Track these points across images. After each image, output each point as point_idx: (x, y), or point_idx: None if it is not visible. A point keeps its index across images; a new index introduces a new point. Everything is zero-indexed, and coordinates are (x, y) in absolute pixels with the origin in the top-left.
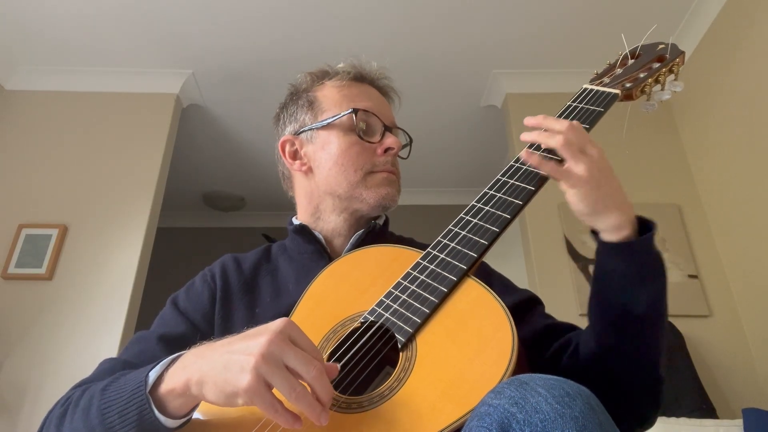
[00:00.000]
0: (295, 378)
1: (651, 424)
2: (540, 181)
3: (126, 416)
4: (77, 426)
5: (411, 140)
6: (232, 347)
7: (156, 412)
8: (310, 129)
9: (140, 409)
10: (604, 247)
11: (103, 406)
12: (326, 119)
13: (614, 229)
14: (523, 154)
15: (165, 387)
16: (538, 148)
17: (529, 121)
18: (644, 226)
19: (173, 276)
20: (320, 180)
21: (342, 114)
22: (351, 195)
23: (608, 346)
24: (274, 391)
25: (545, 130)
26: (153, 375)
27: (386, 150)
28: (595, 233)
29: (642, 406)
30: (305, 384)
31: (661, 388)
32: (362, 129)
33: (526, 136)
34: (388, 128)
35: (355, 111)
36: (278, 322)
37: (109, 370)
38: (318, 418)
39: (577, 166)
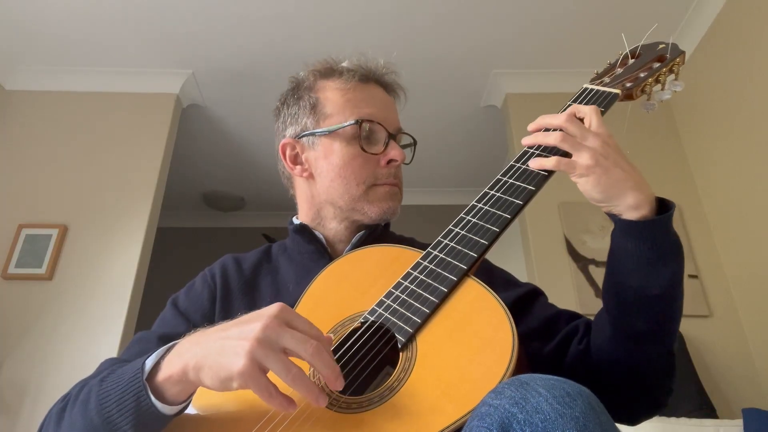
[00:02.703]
0: (290, 361)
1: (664, 405)
2: (540, 180)
3: (124, 404)
4: (76, 419)
5: (415, 142)
6: (227, 332)
7: (153, 398)
8: (311, 134)
9: (138, 396)
10: (622, 226)
11: (101, 396)
12: (329, 128)
13: (632, 209)
14: (525, 140)
15: (162, 374)
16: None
17: (531, 126)
18: (662, 207)
19: (173, 276)
20: (321, 189)
21: (345, 124)
22: (352, 207)
23: (624, 328)
24: (271, 375)
25: (546, 129)
26: (149, 363)
27: (389, 161)
28: (612, 216)
29: (657, 386)
30: (305, 366)
31: (674, 366)
32: (365, 138)
33: (526, 140)
34: (393, 136)
35: (359, 122)
36: (273, 307)
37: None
38: (316, 399)
39: (580, 156)
